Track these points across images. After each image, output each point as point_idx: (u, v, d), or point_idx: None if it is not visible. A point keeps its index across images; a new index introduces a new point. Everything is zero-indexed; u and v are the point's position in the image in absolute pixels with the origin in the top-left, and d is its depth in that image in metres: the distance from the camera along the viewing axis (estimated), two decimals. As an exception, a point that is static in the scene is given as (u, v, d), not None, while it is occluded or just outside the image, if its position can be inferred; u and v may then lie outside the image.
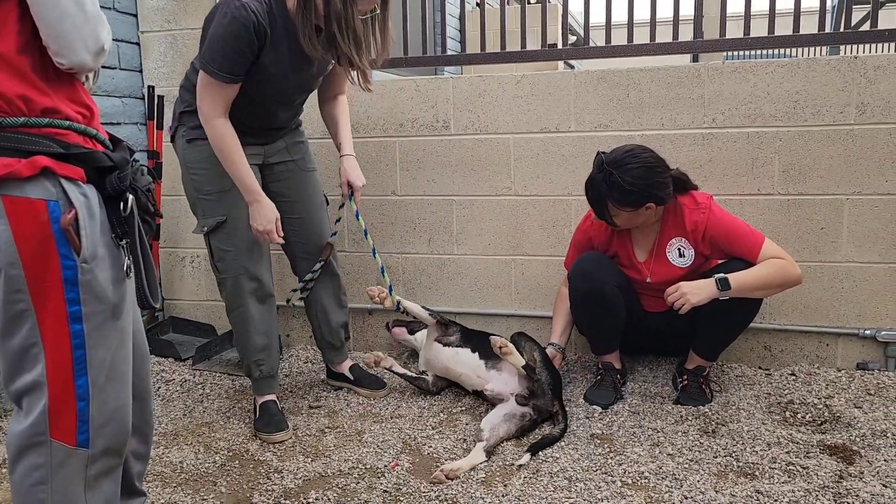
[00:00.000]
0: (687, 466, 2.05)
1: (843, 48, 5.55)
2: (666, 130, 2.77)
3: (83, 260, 1.26)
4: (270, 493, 1.99)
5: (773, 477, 1.97)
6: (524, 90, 2.88)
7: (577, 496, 1.91)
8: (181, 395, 2.72)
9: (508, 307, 3.03)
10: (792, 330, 2.78)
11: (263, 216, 2.24)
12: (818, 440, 2.17)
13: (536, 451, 2.16)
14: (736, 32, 2.85)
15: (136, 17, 3.22)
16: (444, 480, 2.01)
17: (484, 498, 1.92)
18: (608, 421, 2.36)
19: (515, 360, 2.36)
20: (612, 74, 2.80)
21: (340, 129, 2.50)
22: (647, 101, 2.77)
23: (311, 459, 2.17)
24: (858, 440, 2.17)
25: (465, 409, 2.52)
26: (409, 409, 2.54)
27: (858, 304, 2.70)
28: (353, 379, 2.70)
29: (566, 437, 2.26)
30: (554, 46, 3.52)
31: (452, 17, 5.83)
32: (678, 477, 1.99)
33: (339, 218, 2.61)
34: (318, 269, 2.53)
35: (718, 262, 2.54)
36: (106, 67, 3.06)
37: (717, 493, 1.90)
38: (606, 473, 2.02)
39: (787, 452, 2.10)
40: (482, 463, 2.10)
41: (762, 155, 2.70)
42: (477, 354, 2.52)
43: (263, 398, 2.44)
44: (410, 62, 3.21)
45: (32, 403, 1.29)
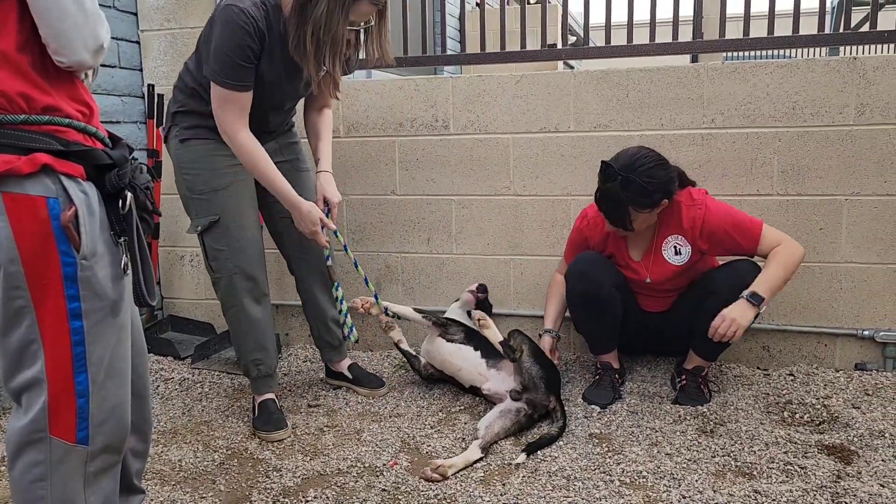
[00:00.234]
0: (685, 466, 2.05)
1: (842, 49, 5.56)
2: (665, 131, 2.77)
3: (83, 257, 1.26)
4: (269, 491, 1.99)
5: (770, 477, 1.97)
6: (524, 90, 2.88)
7: (575, 495, 1.92)
8: (180, 393, 2.72)
9: (507, 306, 3.03)
10: (790, 330, 2.78)
11: (308, 220, 2.29)
12: (816, 440, 2.18)
13: (533, 450, 2.16)
14: (735, 33, 2.86)
15: (136, 15, 3.22)
16: (432, 477, 2.00)
17: (482, 497, 1.92)
18: (606, 420, 2.37)
19: (492, 334, 2.44)
20: (611, 75, 2.80)
21: (321, 142, 2.49)
22: (646, 101, 2.77)
23: (309, 458, 2.18)
24: (856, 440, 2.17)
25: (463, 408, 2.53)
26: (407, 408, 2.54)
27: (857, 304, 2.71)
28: (352, 378, 2.70)
29: (565, 436, 2.26)
30: (553, 46, 3.52)
31: (452, 16, 5.83)
32: (676, 476, 1.99)
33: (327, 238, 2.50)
34: (340, 295, 2.57)
35: (717, 258, 2.55)
36: (106, 66, 3.06)
37: (715, 492, 1.90)
38: (605, 473, 2.03)
39: (785, 452, 2.10)
40: (478, 460, 2.10)
41: (761, 155, 2.70)
42: (479, 353, 2.53)
43: (262, 397, 2.44)
44: (410, 62, 3.21)
45: (32, 400, 1.29)
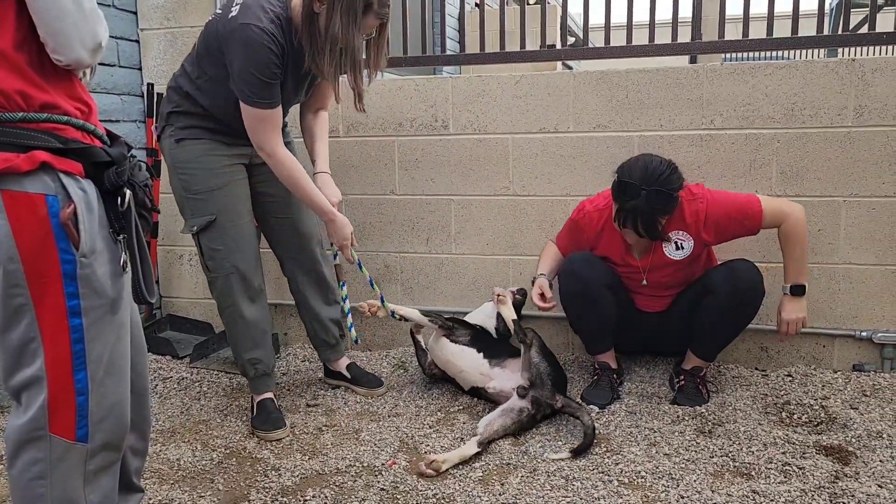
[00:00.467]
0: (683, 466, 2.05)
1: (840, 50, 5.57)
2: (664, 131, 2.77)
3: (82, 254, 1.26)
4: (267, 490, 1.99)
5: (769, 477, 1.98)
6: (523, 90, 2.88)
7: (573, 495, 1.92)
8: (178, 392, 2.72)
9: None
10: (789, 331, 2.78)
11: (340, 234, 2.38)
12: (814, 441, 2.18)
13: (581, 452, 2.12)
14: (734, 34, 2.86)
15: (135, 14, 3.21)
16: (426, 472, 2.01)
17: (481, 496, 1.92)
18: (605, 421, 2.37)
19: (508, 311, 2.48)
20: (610, 75, 2.80)
21: (318, 144, 2.50)
22: (645, 102, 2.77)
23: (308, 457, 2.18)
24: (854, 441, 2.17)
25: (462, 407, 2.53)
26: (406, 407, 2.54)
27: (855, 305, 2.71)
28: (350, 377, 2.70)
29: (563, 437, 2.26)
30: (553, 47, 3.52)
31: (452, 17, 5.84)
32: (675, 476, 2.00)
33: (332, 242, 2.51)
34: (345, 294, 2.60)
35: (715, 258, 2.56)
36: (105, 64, 3.05)
37: (713, 492, 1.91)
38: (603, 473, 2.03)
39: (783, 453, 2.10)
40: (474, 455, 2.11)
41: (760, 156, 2.70)
42: (482, 354, 2.53)
43: (261, 396, 2.44)
44: (409, 62, 3.21)
45: (31, 398, 1.29)
